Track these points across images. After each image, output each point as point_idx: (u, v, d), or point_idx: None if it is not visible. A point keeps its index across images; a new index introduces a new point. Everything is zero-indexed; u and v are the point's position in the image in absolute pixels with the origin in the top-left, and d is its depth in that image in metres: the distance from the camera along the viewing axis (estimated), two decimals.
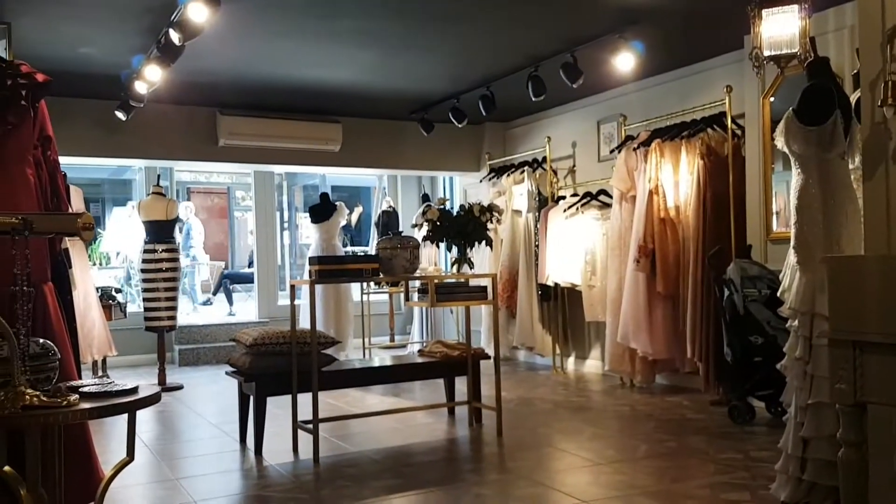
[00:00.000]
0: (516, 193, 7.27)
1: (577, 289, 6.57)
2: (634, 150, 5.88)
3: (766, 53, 3.17)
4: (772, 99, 4.91)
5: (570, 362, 7.12)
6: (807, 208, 3.03)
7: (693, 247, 5.37)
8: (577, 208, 6.54)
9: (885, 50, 2.54)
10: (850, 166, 3.09)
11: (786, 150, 3.12)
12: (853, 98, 3.19)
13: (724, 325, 4.66)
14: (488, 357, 4.96)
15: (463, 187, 8.85)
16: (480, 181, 8.11)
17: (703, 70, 5.88)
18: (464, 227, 4.53)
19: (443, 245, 4.73)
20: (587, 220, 6.47)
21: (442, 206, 4.62)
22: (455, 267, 4.59)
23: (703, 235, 5.32)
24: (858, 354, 2.28)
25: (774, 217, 4.96)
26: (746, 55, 4.00)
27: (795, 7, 3.16)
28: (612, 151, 6.49)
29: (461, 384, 5.05)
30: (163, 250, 6.50)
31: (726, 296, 4.62)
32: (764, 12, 3.17)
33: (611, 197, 6.25)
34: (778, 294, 3.22)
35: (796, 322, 3.03)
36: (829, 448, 2.77)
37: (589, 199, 6.51)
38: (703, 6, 4.72)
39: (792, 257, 3.09)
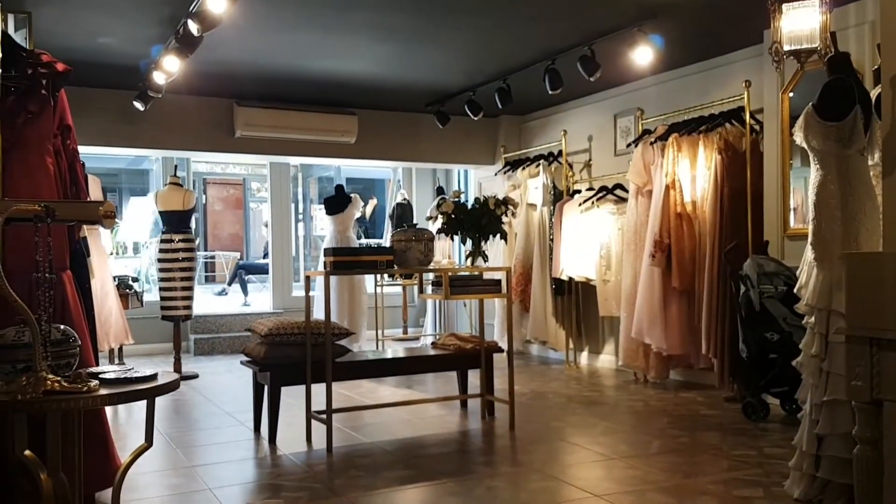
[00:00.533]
0: (531, 187, 7.26)
1: (592, 283, 6.56)
2: (651, 144, 5.86)
3: (786, 48, 3.15)
4: (791, 94, 4.87)
5: (584, 357, 7.12)
6: (825, 204, 3.01)
7: (709, 242, 5.35)
8: (593, 202, 6.52)
9: None
10: (870, 163, 3.06)
11: (805, 145, 3.09)
12: (874, 94, 3.16)
13: (740, 321, 4.64)
14: (501, 350, 4.97)
15: (478, 180, 8.85)
16: (495, 174, 8.10)
17: (722, 64, 5.84)
18: (478, 220, 4.53)
19: (457, 238, 4.74)
20: (602, 214, 6.46)
21: (457, 199, 4.62)
22: (469, 260, 4.59)
23: (719, 231, 5.29)
24: (875, 351, 2.27)
25: (792, 213, 4.92)
26: (766, 50, 3.98)
27: (816, 1, 3.14)
28: (628, 145, 6.47)
29: (474, 377, 5.07)
30: (179, 240, 6.55)
31: (742, 292, 4.60)
32: (784, 7, 3.15)
33: (627, 191, 6.23)
34: (795, 290, 3.20)
35: (813, 319, 3.02)
36: (844, 445, 2.76)
37: (605, 193, 6.49)
38: (723, 0, 4.69)
39: (809, 254, 3.07)
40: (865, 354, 2.29)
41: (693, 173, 5.54)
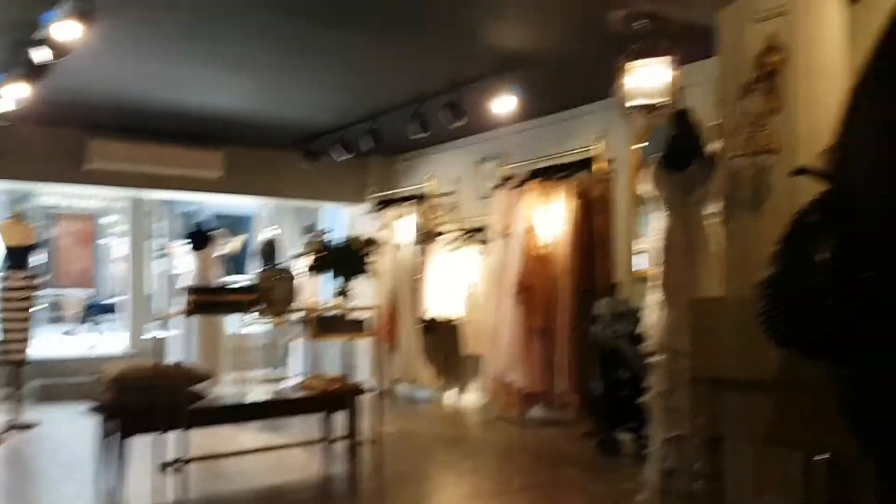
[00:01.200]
0: (400, 227, 7.30)
1: (458, 322, 6.64)
2: (512, 189, 6.06)
3: (633, 103, 3.37)
4: (641, 145, 5.19)
5: (451, 395, 7.16)
6: (671, 249, 3.21)
7: (565, 283, 5.57)
8: (459, 243, 6.63)
9: (740, 103, 2.76)
10: (708, 211, 3.30)
11: (653, 194, 3.30)
12: (714, 147, 3.42)
13: (596, 359, 4.83)
14: (367, 391, 4.91)
15: (350, 217, 8.80)
16: (365, 214, 8.09)
17: (579, 115, 6.14)
18: (346, 260, 4.51)
19: (325, 276, 4.68)
20: (468, 255, 6.58)
21: (321, 240, 4.58)
22: (336, 299, 4.54)
23: (575, 272, 5.53)
24: (717, 391, 2.42)
25: (639, 257, 5.21)
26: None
27: (666, 59, 3.38)
28: (491, 189, 6.65)
29: (341, 418, 4.97)
30: (23, 277, 6.06)
31: (595, 331, 4.79)
32: (631, 64, 3.37)
33: (492, 233, 6.39)
34: (641, 331, 3.38)
35: (660, 358, 3.19)
36: (689, 479, 2.92)
37: (471, 234, 6.63)
38: (578, 54, 4.92)
39: (655, 295, 3.26)
40: (707, 393, 2.44)
41: (550, 218, 5.77)
